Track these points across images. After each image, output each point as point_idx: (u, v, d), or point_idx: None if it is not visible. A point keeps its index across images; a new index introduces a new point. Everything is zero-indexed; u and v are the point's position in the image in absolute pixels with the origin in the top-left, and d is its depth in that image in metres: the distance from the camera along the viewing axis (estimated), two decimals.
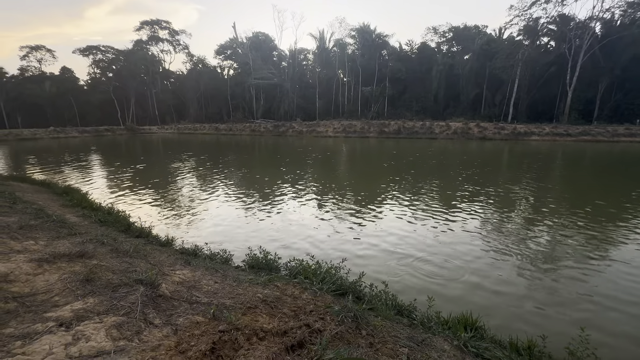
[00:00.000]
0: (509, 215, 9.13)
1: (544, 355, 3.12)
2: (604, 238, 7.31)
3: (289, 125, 51.38)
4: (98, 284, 2.83)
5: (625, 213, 9.10)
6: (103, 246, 4.32)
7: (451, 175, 15.54)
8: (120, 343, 2.01)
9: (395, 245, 6.84)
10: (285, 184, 13.23)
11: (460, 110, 52.01)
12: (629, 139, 34.82)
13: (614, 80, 42.60)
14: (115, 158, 23.46)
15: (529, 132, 38.09)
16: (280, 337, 2.42)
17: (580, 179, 15.73)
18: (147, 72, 67.71)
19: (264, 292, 3.48)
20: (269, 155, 26.71)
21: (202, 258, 5.10)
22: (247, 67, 64.74)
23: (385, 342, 2.74)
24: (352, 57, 59.70)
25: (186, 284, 3.49)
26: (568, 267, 5.91)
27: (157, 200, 10.66)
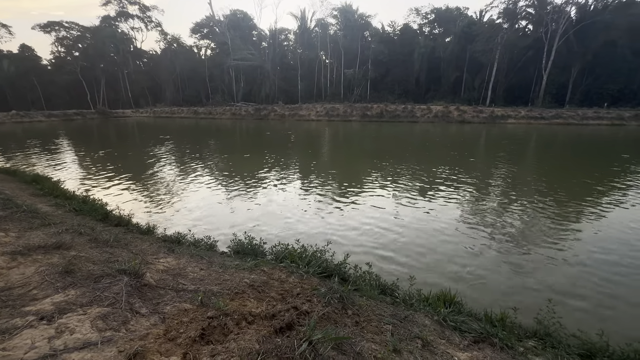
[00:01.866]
0: (484, 197, 9.52)
1: (516, 325, 3.37)
2: (570, 215, 7.81)
3: (270, 109, 50.29)
4: (79, 275, 2.75)
5: (589, 190, 9.72)
6: (81, 236, 4.17)
7: (431, 159, 15.91)
8: (107, 334, 1.99)
9: (378, 226, 7.01)
10: (268, 168, 13.11)
11: (441, 93, 52.61)
12: (596, 122, 36.67)
13: (586, 66, 44.21)
14: (88, 144, 22.28)
15: (505, 116, 39.25)
16: (269, 320, 2.47)
17: (550, 161, 16.52)
18: (117, 51, 63.41)
19: (251, 277, 3.51)
20: (251, 139, 26.20)
21: (186, 245, 5.04)
22: (225, 47, 61.99)
23: (370, 320, 2.86)
24: (334, 38, 58.39)
25: (171, 272, 3.46)
26: (539, 242, 6.30)
27: (135, 188, 10.31)
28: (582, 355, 2.86)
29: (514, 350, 2.68)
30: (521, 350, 2.70)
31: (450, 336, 2.85)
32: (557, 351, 2.81)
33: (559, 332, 3.18)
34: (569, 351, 2.86)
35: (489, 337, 2.82)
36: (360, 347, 2.24)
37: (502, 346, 2.71)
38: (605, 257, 5.69)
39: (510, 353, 2.65)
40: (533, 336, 3.23)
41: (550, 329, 3.20)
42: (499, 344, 2.73)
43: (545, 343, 3.01)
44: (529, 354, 2.66)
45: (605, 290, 4.73)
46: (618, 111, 38.32)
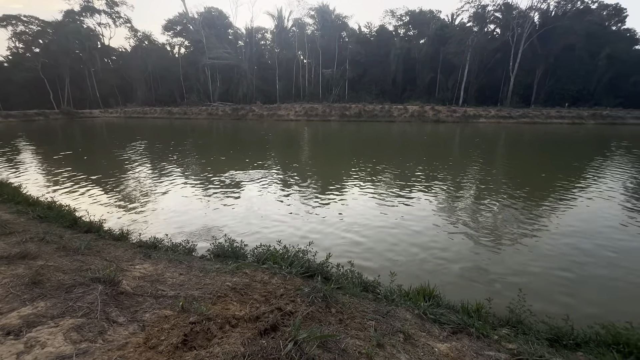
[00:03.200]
0: (459, 192, 9.91)
1: (490, 315, 3.55)
2: (536, 208, 8.30)
3: (248, 109, 49.52)
4: (48, 286, 2.60)
5: (554, 185, 10.39)
6: (48, 245, 3.94)
7: (409, 157, 16.34)
8: (82, 345, 1.89)
9: (359, 224, 7.12)
10: (247, 169, 12.92)
11: (417, 93, 54.14)
12: (559, 121, 39.18)
13: (549, 68, 47.13)
14: (52, 146, 20.90)
15: (477, 115, 41.01)
16: (253, 322, 2.46)
17: (518, 158, 17.45)
18: (83, 48, 59.84)
19: (233, 280, 3.46)
20: (229, 140, 25.69)
21: (163, 250, 4.88)
22: (200, 46, 60.28)
23: (354, 317, 2.91)
24: (312, 38, 58.47)
25: (149, 278, 3.35)
26: (509, 235, 6.65)
27: (106, 192, 9.82)
28: (550, 339, 3.06)
29: (489, 339, 2.83)
30: (495, 338, 2.85)
31: (431, 328, 2.96)
32: (527, 337, 2.98)
33: (529, 319, 3.38)
34: (538, 336, 3.05)
35: (466, 327, 2.95)
36: (345, 343, 2.28)
37: (478, 335, 2.85)
38: (569, 247, 6.10)
39: (486, 341, 2.79)
40: (506, 324, 3.42)
41: (521, 316, 3.40)
42: (475, 333, 2.87)
43: (517, 330, 3.19)
44: (502, 341, 2.81)
45: (570, 277, 5.07)
46: (578, 111, 41.17)
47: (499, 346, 2.73)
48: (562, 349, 2.92)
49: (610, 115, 39.84)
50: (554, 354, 2.71)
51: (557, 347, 2.94)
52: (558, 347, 2.94)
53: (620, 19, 51.53)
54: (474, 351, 2.57)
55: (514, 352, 2.52)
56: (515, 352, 2.51)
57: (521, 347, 2.59)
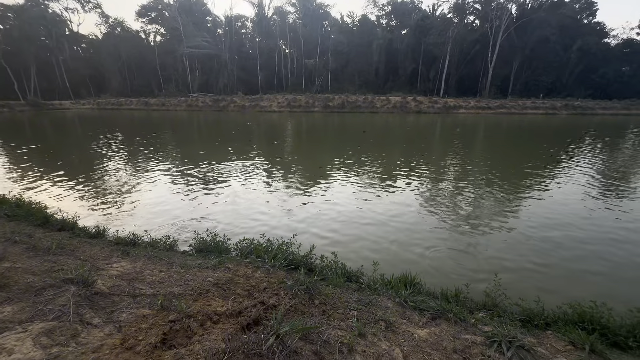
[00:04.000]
0: (439, 181, 10.16)
1: (468, 299, 3.70)
2: (513, 195, 8.65)
3: (230, 100, 48.33)
4: (15, 289, 2.46)
5: (529, 173, 10.83)
6: (16, 245, 3.73)
7: (392, 148, 16.54)
8: (54, 350, 1.82)
9: (343, 215, 7.17)
10: (230, 163, 12.69)
11: (399, 84, 54.57)
12: (533, 112, 40.66)
13: (525, 59, 48.60)
14: (18, 140, 19.65)
15: (457, 106, 41.88)
16: (235, 317, 2.44)
17: (494, 147, 18.03)
18: (49, 35, 56.04)
19: (215, 275, 3.42)
20: (210, 133, 25.06)
21: (142, 247, 4.74)
22: (177, 34, 57.87)
23: (337, 308, 2.95)
24: (294, 27, 57.38)
25: (126, 276, 3.25)
26: (487, 222, 6.90)
27: (80, 188, 9.38)
28: (523, 320, 3.22)
29: (466, 323, 2.95)
30: (472, 322, 2.97)
31: (411, 315, 3.04)
32: (502, 319, 3.13)
33: (504, 302, 3.55)
34: (512, 318, 3.21)
35: (444, 313, 3.06)
36: (327, 335, 2.31)
37: (456, 320, 2.96)
38: (542, 233, 6.41)
39: (463, 325, 2.90)
40: (482, 308, 3.57)
41: (496, 300, 3.56)
42: (453, 318, 2.98)
43: (493, 313, 3.34)
44: (478, 324, 2.93)
45: (542, 261, 5.34)
46: (551, 101, 42.84)
47: (475, 329, 2.84)
48: (534, 328, 3.09)
49: (581, 106, 41.72)
50: (525, 333, 2.86)
51: (529, 327, 3.11)
52: (530, 327, 3.10)
53: (591, 12, 53.50)
54: (452, 335, 2.67)
55: (489, 335, 2.64)
56: (490, 335, 2.62)
57: (496, 329, 2.71)
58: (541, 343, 2.71)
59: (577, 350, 2.57)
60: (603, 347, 2.64)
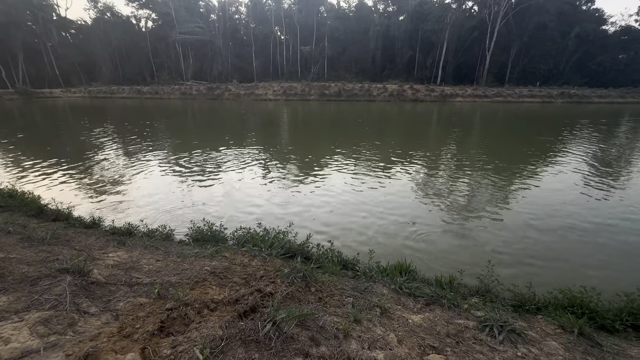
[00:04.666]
0: (435, 170, 10.20)
1: (462, 286, 3.78)
2: (507, 183, 8.73)
3: (224, 88, 47.53)
4: (10, 279, 2.46)
5: (524, 162, 10.91)
6: (9, 235, 3.70)
7: (389, 137, 16.50)
8: (51, 338, 1.83)
9: (339, 204, 7.20)
10: (225, 152, 12.58)
11: (396, 72, 53.95)
12: (530, 100, 40.60)
13: (523, 47, 48.15)
14: (9, 130, 19.26)
15: (454, 94, 41.65)
16: (232, 305, 2.46)
17: (491, 135, 18.06)
18: (36, 20, 54.11)
19: (212, 264, 3.43)
20: (205, 122, 24.74)
21: (138, 237, 4.74)
22: (169, 19, 56.25)
23: (333, 295, 2.99)
24: (289, 13, 56.05)
25: (123, 266, 3.25)
26: (482, 209, 6.98)
27: (74, 178, 9.28)
28: (515, 305, 3.30)
29: (460, 308, 3.01)
30: (465, 307, 3.03)
31: (406, 302, 3.10)
32: (494, 304, 3.21)
33: (496, 288, 3.62)
34: (504, 303, 3.28)
35: (439, 299, 3.12)
36: (323, 321, 2.35)
37: (449, 305, 3.02)
38: (538, 219, 6.50)
39: (457, 310, 2.97)
40: (476, 294, 3.65)
41: (489, 286, 3.64)
42: (447, 304, 3.04)
43: (486, 299, 3.41)
44: (471, 310, 2.99)
45: (536, 248, 5.44)
46: (548, 89, 42.73)
47: (468, 314, 2.91)
48: (525, 313, 3.17)
49: (577, 94, 41.70)
50: (517, 318, 2.94)
51: (520, 312, 3.19)
52: (521, 312, 3.18)
53: None
54: (445, 320, 2.73)
55: (481, 319, 2.70)
56: (483, 319, 2.68)
57: (488, 314, 2.77)
58: (532, 327, 2.78)
59: (566, 334, 2.65)
60: (591, 330, 2.72)
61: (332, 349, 2.02)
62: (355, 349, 2.08)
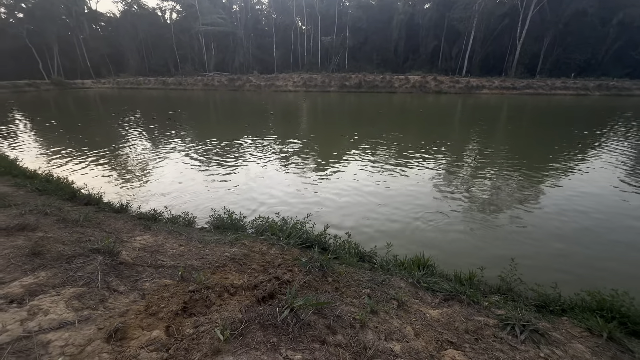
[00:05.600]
0: (458, 165, 9.89)
1: (482, 283, 3.68)
2: (534, 183, 8.33)
3: (245, 79, 48.00)
4: (48, 257, 2.64)
5: (554, 156, 10.35)
6: (47, 217, 3.96)
7: (410, 130, 16.13)
8: (84, 313, 1.96)
9: (358, 196, 7.16)
10: (246, 142, 12.78)
11: (419, 63, 52.31)
12: (563, 92, 38.21)
13: (557, 35, 45.12)
14: (46, 119, 20.45)
15: (480, 86, 39.90)
16: (251, 291, 2.53)
17: (518, 129, 17.23)
18: (69, 13, 56.66)
19: (232, 251, 3.53)
20: (227, 112, 25.16)
21: (162, 222, 4.94)
22: (192, 10, 57.17)
23: (350, 285, 3.00)
24: (311, 3, 55.34)
25: (148, 249, 3.41)
26: (506, 207, 6.73)
27: (104, 165, 9.76)
28: (538, 305, 3.18)
29: (479, 305, 2.94)
30: (485, 305, 2.95)
31: (423, 296, 3.06)
32: (516, 304, 3.10)
33: (519, 287, 3.50)
34: (526, 303, 3.17)
35: (457, 294, 3.06)
36: (340, 310, 2.36)
37: (469, 302, 2.95)
38: (564, 219, 6.19)
39: (476, 307, 2.90)
40: (497, 292, 3.54)
41: (511, 284, 3.52)
42: (466, 300, 2.97)
43: (507, 297, 3.31)
44: (491, 308, 2.92)
45: (562, 249, 5.19)
46: (583, 81, 39.97)
47: (488, 312, 2.84)
48: (549, 314, 3.05)
49: (616, 87, 38.76)
50: (540, 318, 2.83)
51: (543, 312, 3.07)
52: (545, 313, 3.06)
53: None
54: (464, 316, 2.67)
55: (502, 317, 2.62)
56: (504, 317, 2.61)
57: (509, 312, 2.69)
58: (556, 328, 2.68)
59: (593, 337, 2.53)
60: (622, 335, 2.58)
61: (349, 338, 2.04)
62: (372, 339, 2.09)
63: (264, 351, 1.76)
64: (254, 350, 1.76)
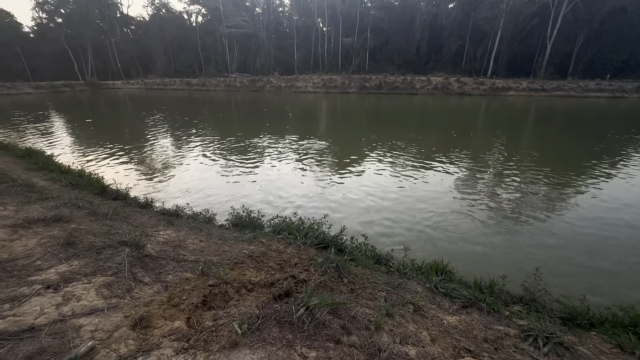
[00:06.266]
0: (481, 170, 9.59)
1: (503, 292, 3.55)
2: (565, 190, 7.94)
3: (266, 80, 48.82)
4: (80, 247, 2.81)
5: (584, 163, 9.82)
6: (79, 210, 4.21)
7: (430, 132, 15.81)
8: (113, 301, 2.07)
9: (376, 198, 7.11)
10: (266, 142, 12.99)
11: (441, 64, 51.16)
12: (597, 94, 36.13)
13: (592, 34, 42.75)
14: (79, 117, 21.70)
15: (506, 88, 38.49)
16: (268, 288, 2.58)
17: (545, 133, 16.46)
18: (103, 18, 59.96)
19: (250, 248, 3.61)
20: (247, 113, 25.68)
21: (184, 218, 5.12)
22: (217, 14, 58.84)
23: (365, 287, 2.99)
24: (332, 4, 55.49)
25: (171, 243, 3.54)
26: (528, 215, 6.45)
27: (131, 161, 10.23)
28: (564, 318, 3.03)
29: (500, 314, 2.84)
30: (506, 314, 2.86)
31: (441, 302, 3.00)
32: (540, 315, 2.97)
33: (543, 297, 3.35)
34: (551, 314, 3.03)
35: (477, 302, 2.98)
36: (355, 311, 2.37)
37: (489, 310, 2.87)
38: (592, 231, 5.86)
39: (496, 316, 2.81)
40: (519, 301, 3.41)
41: (535, 295, 3.37)
42: (486, 308, 2.89)
43: (530, 308, 3.18)
44: (513, 317, 2.82)
45: (592, 261, 4.92)
46: (620, 83, 37.63)
47: (509, 322, 2.74)
48: (576, 328, 2.90)
49: None
50: (566, 332, 2.70)
51: (570, 325, 2.92)
52: (571, 326, 2.91)
53: None
54: (483, 325, 2.60)
55: (524, 328, 2.53)
56: (526, 328, 2.51)
57: (532, 323, 2.59)
58: (583, 343, 2.55)
59: (624, 355, 2.39)
60: None
61: (363, 339, 2.04)
62: (387, 341, 2.07)
63: (279, 347, 1.80)
64: (270, 346, 1.80)
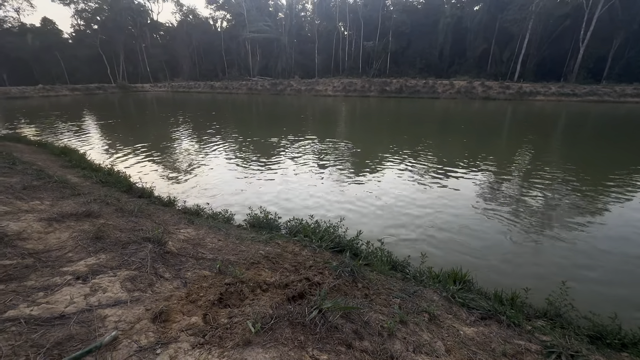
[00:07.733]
0: (505, 177, 9.24)
1: (525, 305, 3.39)
2: (597, 201, 7.51)
3: (287, 84, 49.51)
4: (107, 241, 2.97)
5: (619, 173, 9.24)
6: (108, 206, 4.44)
7: (452, 138, 15.44)
8: (135, 294, 2.17)
9: (394, 204, 7.02)
10: (285, 144, 13.16)
11: (465, 67, 49.85)
12: (635, 100, 33.90)
13: (630, 36, 40.26)
14: (110, 118, 22.91)
15: (534, 92, 36.93)
16: (282, 289, 2.61)
17: (576, 141, 15.64)
18: (135, 24, 63.26)
19: (266, 249, 3.66)
20: (268, 115, 26.13)
21: (204, 217, 5.27)
22: (241, 19, 60.48)
23: (380, 293, 2.96)
24: (354, 8, 55.63)
25: (191, 241, 3.66)
26: (556, 225, 6.15)
27: (156, 161, 10.67)
28: (592, 336, 2.86)
29: (521, 328, 2.73)
30: (528, 329, 2.74)
31: (458, 312, 2.92)
32: (565, 331, 2.82)
33: (569, 313, 3.17)
34: (578, 332, 2.86)
35: (496, 314, 2.87)
36: (368, 317, 2.35)
37: (509, 324, 2.76)
38: (625, 242, 5.50)
39: (517, 330, 2.70)
40: (543, 316, 3.25)
41: (561, 310, 3.20)
42: (506, 321, 2.78)
43: (555, 323, 3.02)
44: (535, 332, 2.69)
45: (622, 275, 4.62)
46: None
47: (531, 336, 2.62)
48: (605, 347, 2.73)
49: None
50: (594, 351, 2.55)
51: (598, 345, 2.76)
52: (600, 346, 2.75)
53: None
54: (502, 338, 2.50)
55: (547, 344, 2.41)
56: (549, 345, 2.40)
57: (556, 340, 2.46)
58: None
59: None
60: None
61: (375, 345, 2.02)
62: (399, 349, 2.05)
63: (291, 347, 1.82)
64: (282, 346, 1.82)
